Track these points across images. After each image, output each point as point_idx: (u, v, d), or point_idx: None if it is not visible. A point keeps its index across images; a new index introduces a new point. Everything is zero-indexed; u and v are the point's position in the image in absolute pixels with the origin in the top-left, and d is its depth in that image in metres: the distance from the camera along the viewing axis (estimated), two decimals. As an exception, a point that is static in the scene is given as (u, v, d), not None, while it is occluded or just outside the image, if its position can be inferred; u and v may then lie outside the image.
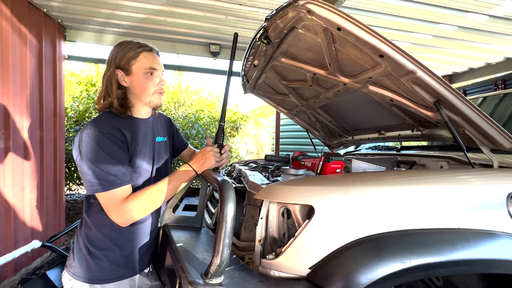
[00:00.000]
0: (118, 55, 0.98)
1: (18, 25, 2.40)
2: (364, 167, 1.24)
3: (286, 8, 0.93)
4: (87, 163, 0.86)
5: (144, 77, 0.98)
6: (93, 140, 0.87)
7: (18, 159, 2.39)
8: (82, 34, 3.26)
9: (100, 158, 0.86)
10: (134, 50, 0.97)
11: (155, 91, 1.01)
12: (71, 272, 0.95)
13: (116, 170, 0.88)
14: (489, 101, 1.93)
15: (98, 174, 0.86)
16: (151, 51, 1.01)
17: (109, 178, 0.86)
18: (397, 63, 0.93)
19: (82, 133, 0.90)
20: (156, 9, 2.66)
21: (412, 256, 0.70)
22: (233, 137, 5.49)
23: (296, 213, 0.81)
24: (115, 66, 0.98)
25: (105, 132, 0.89)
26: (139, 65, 0.97)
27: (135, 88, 0.99)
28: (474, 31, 2.92)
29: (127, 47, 0.98)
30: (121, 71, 0.98)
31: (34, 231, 2.59)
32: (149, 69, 0.98)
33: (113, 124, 0.93)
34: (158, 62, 1.02)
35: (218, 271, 0.68)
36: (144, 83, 0.98)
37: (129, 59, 0.97)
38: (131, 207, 0.88)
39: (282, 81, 1.64)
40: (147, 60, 0.98)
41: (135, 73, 0.98)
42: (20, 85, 2.41)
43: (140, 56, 0.97)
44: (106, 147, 0.88)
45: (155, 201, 0.92)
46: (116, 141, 0.91)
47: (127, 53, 0.97)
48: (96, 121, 0.92)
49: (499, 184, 0.87)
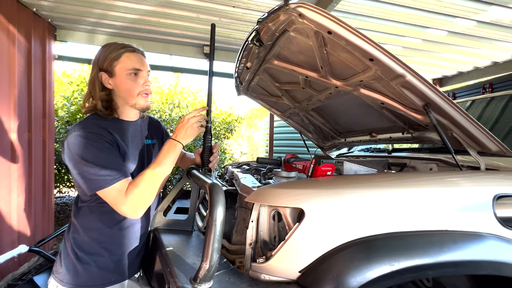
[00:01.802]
0: (101, 57, 0.96)
1: (6, 24, 2.34)
2: (356, 169, 1.25)
3: (278, 11, 0.94)
4: (84, 163, 0.84)
5: (127, 78, 0.96)
6: (84, 140, 0.86)
7: (5, 162, 2.32)
8: (73, 34, 3.21)
9: (95, 156, 0.85)
10: (117, 51, 0.96)
11: (139, 92, 0.99)
12: (58, 278, 0.93)
13: (114, 165, 0.87)
14: (477, 104, 1.98)
15: (97, 171, 0.84)
16: (134, 51, 0.99)
17: (109, 173, 0.85)
18: (386, 66, 0.94)
19: (70, 136, 0.88)
20: (149, 10, 2.64)
21: (400, 258, 0.70)
22: (227, 139, 5.47)
23: (286, 216, 0.80)
24: (98, 69, 0.96)
25: (93, 132, 0.88)
26: (122, 66, 0.96)
27: (120, 90, 0.98)
28: (462, 35, 3.00)
29: (110, 48, 0.96)
30: (104, 73, 0.96)
31: (21, 235, 2.52)
32: (132, 69, 0.96)
33: (101, 125, 0.92)
34: (142, 63, 1.00)
35: (207, 276, 0.67)
36: (128, 85, 0.97)
37: (112, 60, 0.95)
38: (136, 196, 0.86)
39: (275, 83, 1.64)
40: (129, 60, 0.96)
41: (118, 75, 0.96)
42: (7, 85, 2.35)
43: (122, 57, 0.96)
44: (98, 144, 0.87)
45: (154, 185, 0.90)
46: (106, 139, 0.90)
47: (109, 54, 0.95)
48: (83, 122, 0.91)
49: (485, 186, 0.89)
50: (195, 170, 1.06)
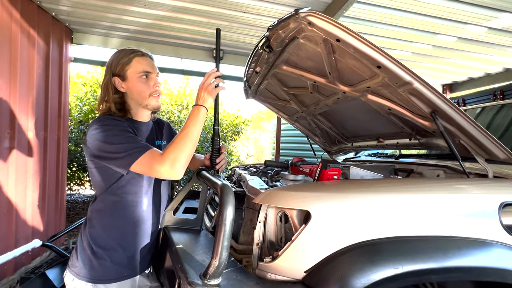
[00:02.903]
0: (113, 62, 1.03)
1: (27, 28, 2.46)
2: (362, 174, 1.27)
3: (288, 19, 0.97)
4: (110, 146, 0.89)
5: (138, 81, 1.02)
6: (105, 127, 0.92)
7: (22, 159, 2.42)
8: (89, 37, 3.33)
9: (120, 137, 0.90)
10: (127, 56, 1.02)
11: (150, 93, 1.04)
12: (74, 272, 0.97)
13: (138, 140, 0.92)
14: (487, 111, 1.96)
15: (126, 147, 0.88)
16: (143, 55, 1.05)
17: (137, 145, 0.89)
18: (394, 74, 0.96)
19: (90, 131, 0.93)
20: (162, 15, 2.72)
21: (404, 262, 0.72)
22: (234, 141, 5.52)
23: (293, 218, 0.83)
24: (111, 74, 1.03)
25: (110, 120, 0.95)
26: (133, 70, 1.02)
27: (132, 93, 1.04)
28: (473, 42, 2.97)
29: (121, 54, 1.03)
30: (117, 77, 1.03)
31: (35, 230, 2.61)
32: (143, 72, 1.02)
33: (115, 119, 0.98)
34: (151, 66, 1.05)
35: (216, 272, 0.70)
36: (139, 87, 1.03)
37: (123, 65, 1.02)
38: (171, 153, 0.88)
39: (283, 88, 1.67)
40: (140, 64, 1.03)
41: (130, 78, 1.02)
42: (27, 86, 2.46)
43: (133, 61, 1.02)
44: (119, 128, 0.93)
45: (188, 144, 0.92)
46: (124, 125, 0.96)
47: (121, 59, 1.02)
48: (100, 118, 0.97)
49: (491, 193, 0.89)
50: (205, 171, 1.10)
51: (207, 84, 1.01)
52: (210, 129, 4.96)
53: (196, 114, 0.97)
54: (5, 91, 2.22)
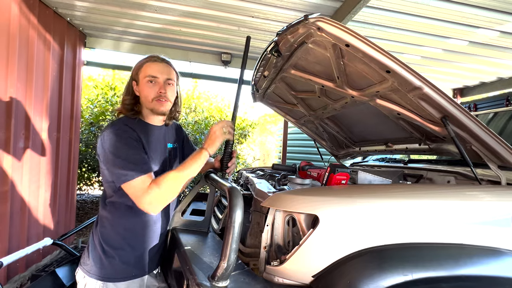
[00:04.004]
0: (134, 67, 1.10)
1: (43, 33, 2.55)
2: (370, 179, 1.26)
3: (297, 24, 0.98)
4: (112, 157, 0.93)
5: (145, 85, 1.06)
6: (114, 137, 0.95)
7: (35, 159, 2.50)
8: (101, 42, 3.43)
9: (122, 151, 0.94)
10: (142, 62, 1.09)
11: (153, 98, 1.07)
12: (86, 269, 1.00)
13: (138, 160, 0.94)
14: (500, 116, 1.91)
15: (124, 165, 0.92)
16: (155, 61, 1.09)
17: (134, 167, 0.92)
18: (403, 79, 0.96)
19: (104, 134, 0.97)
20: (172, 19, 2.78)
21: (414, 269, 0.71)
22: (240, 144, 5.54)
23: (301, 222, 0.83)
24: (132, 77, 1.10)
25: (122, 130, 0.98)
26: (142, 74, 1.07)
27: (141, 96, 1.09)
28: (485, 46, 2.91)
29: (141, 60, 1.10)
30: (134, 81, 1.09)
31: (46, 228, 2.67)
32: (148, 76, 1.06)
33: (129, 125, 1.01)
34: (159, 71, 1.07)
35: (224, 274, 0.71)
36: (145, 91, 1.07)
37: (137, 69, 1.08)
38: (155, 193, 0.91)
39: (291, 92, 1.68)
40: (148, 68, 1.07)
41: (140, 82, 1.08)
42: (42, 89, 2.55)
43: (144, 66, 1.08)
44: (125, 140, 0.96)
45: (176, 185, 0.95)
46: (133, 136, 0.99)
47: (137, 65, 1.09)
48: (114, 123, 1.01)
49: (505, 201, 0.87)
50: (213, 174, 1.11)
51: (217, 129, 1.06)
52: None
53: (198, 158, 1.01)
54: (22, 94, 2.30)
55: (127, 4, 2.54)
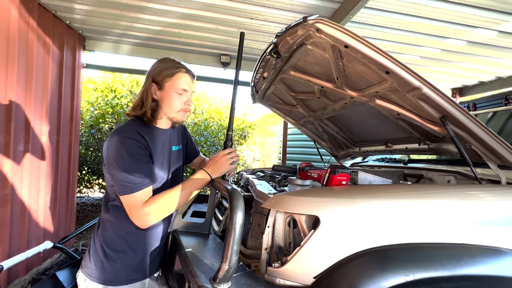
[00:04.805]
0: (157, 70, 1.05)
1: (43, 36, 2.56)
2: (370, 179, 1.26)
3: (296, 26, 0.99)
4: (116, 167, 0.92)
5: (173, 95, 1.05)
6: (121, 145, 0.94)
7: (35, 162, 2.50)
8: (101, 44, 3.43)
9: (127, 163, 0.92)
10: (172, 70, 1.04)
11: (180, 109, 1.07)
12: (87, 272, 0.99)
13: (139, 174, 0.93)
14: (499, 115, 1.92)
15: (125, 177, 0.91)
16: (186, 73, 1.07)
17: (134, 181, 0.92)
18: (402, 79, 0.96)
19: (111, 139, 0.96)
20: (171, 22, 2.79)
21: (415, 270, 0.71)
22: (240, 145, 5.54)
23: (302, 223, 0.83)
24: (152, 80, 1.05)
25: (129, 137, 0.96)
26: (172, 84, 1.04)
27: (163, 103, 1.06)
28: (483, 45, 2.92)
29: (166, 65, 1.05)
30: (155, 85, 1.05)
31: (46, 232, 2.67)
32: (180, 89, 1.05)
33: (138, 131, 0.99)
34: (189, 84, 1.08)
35: (226, 276, 0.71)
36: (171, 100, 1.05)
37: (165, 76, 1.04)
38: (149, 210, 0.92)
39: (290, 93, 1.68)
40: (180, 80, 1.05)
41: (166, 90, 1.05)
42: (41, 92, 2.55)
43: (175, 76, 1.04)
44: (133, 151, 0.94)
45: (171, 206, 0.97)
46: (140, 145, 0.97)
47: (165, 71, 1.04)
48: (123, 128, 0.99)
49: (505, 200, 0.88)
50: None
51: (225, 158, 1.05)
52: (216, 132, 5.00)
53: (199, 180, 1.01)
54: (22, 97, 2.30)
55: (127, 7, 2.55)
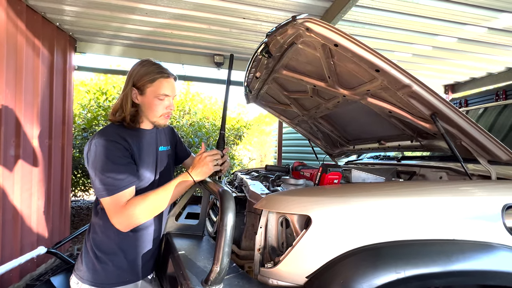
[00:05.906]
0: (138, 74, 1.02)
1: (32, 38, 2.51)
2: (364, 177, 1.27)
3: (286, 25, 0.98)
4: (94, 170, 0.92)
5: (154, 100, 1.03)
6: (99, 148, 0.92)
7: (27, 167, 2.46)
8: (92, 46, 3.39)
9: (104, 165, 0.91)
10: (153, 75, 1.02)
11: (162, 114, 1.06)
12: (79, 275, 0.99)
13: (119, 176, 0.92)
14: (490, 111, 1.95)
15: (103, 180, 0.90)
16: (168, 77, 1.05)
17: (112, 183, 0.90)
18: (392, 77, 0.97)
19: (91, 143, 0.95)
20: (163, 22, 2.76)
21: (406, 266, 0.71)
22: (236, 145, 5.53)
23: (294, 223, 0.83)
24: (132, 84, 1.03)
25: (110, 139, 0.94)
26: (153, 89, 1.02)
27: (145, 107, 1.05)
28: (474, 42, 2.96)
29: (147, 69, 1.02)
30: (136, 89, 1.03)
31: (40, 237, 2.63)
32: (162, 95, 1.03)
33: (119, 133, 0.98)
34: (171, 89, 1.06)
35: (217, 278, 0.70)
36: (153, 105, 1.03)
37: (146, 82, 1.01)
38: (130, 213, 0.91)
39: (283, 92, 1.68)
40: (162, 86, 1.03)
41: (147, 95, 1.03)
42: (32, 95, 2.51)
43: (156, 82, 1.02)
44: (110, 154, 0.93)
45: (154, 208, 0.95)
46: (120, 148, 0.95)
47: (146, 76, 1.01)
48: (103, 131, 0.98)
49: (494, 195, 0.89)
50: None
51: (209, 160, 1.00)
52: (211, 133, 4.98)
53: (183, 182, 0.98)
54: (11, 100, 2.26)
55: (117, 8, 2.52)
